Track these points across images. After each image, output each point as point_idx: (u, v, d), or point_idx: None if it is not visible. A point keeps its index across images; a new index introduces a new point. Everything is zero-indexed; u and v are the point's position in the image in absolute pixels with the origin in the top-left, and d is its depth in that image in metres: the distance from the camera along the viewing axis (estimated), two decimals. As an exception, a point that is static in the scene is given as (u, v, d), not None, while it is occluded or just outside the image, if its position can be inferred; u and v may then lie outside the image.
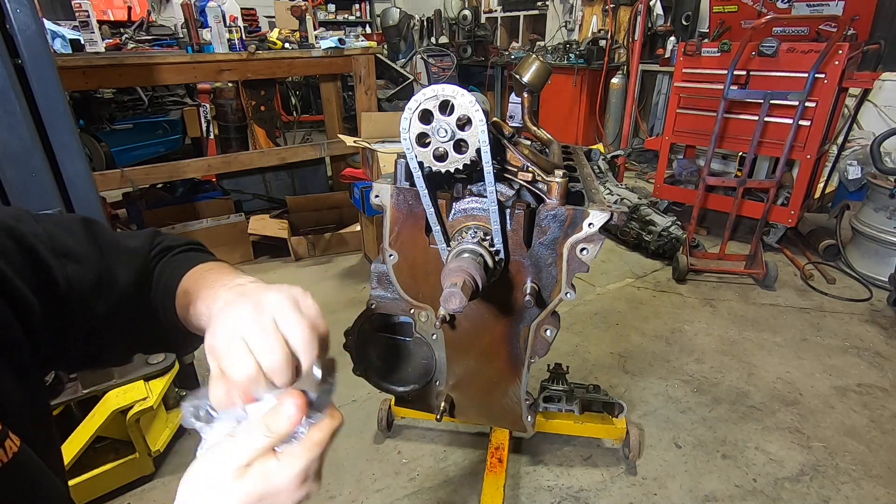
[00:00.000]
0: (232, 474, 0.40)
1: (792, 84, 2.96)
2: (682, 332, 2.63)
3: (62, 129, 1.49)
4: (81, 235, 0.60)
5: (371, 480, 1.78)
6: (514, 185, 0.62)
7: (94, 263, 0.59)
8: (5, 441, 0.45)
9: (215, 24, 2.99)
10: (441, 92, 0.52)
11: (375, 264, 0.70)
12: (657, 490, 1.73)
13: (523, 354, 0.69)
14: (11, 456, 0.45)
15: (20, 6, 1.35)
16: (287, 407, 0.42)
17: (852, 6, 3.34)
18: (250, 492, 0.40)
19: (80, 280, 0.57)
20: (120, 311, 0.61)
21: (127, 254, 0.63)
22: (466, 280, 0.53)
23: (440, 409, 0.74)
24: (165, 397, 1.84)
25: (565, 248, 0.61)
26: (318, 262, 3.42)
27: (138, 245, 0.65)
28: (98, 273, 0.59)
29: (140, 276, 0.63)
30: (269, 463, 0.41)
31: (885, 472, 1.79)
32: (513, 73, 0.85)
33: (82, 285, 0.57)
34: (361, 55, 3.59)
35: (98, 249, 0.60)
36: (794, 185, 3.33)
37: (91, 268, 0.58)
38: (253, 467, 0.41)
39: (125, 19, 4.12)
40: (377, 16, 8.51)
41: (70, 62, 2.62)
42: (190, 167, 3.33)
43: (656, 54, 5.35)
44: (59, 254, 0.56)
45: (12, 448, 0.45)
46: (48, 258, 0.54)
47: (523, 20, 7.37)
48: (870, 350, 2.46)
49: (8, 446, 0.45)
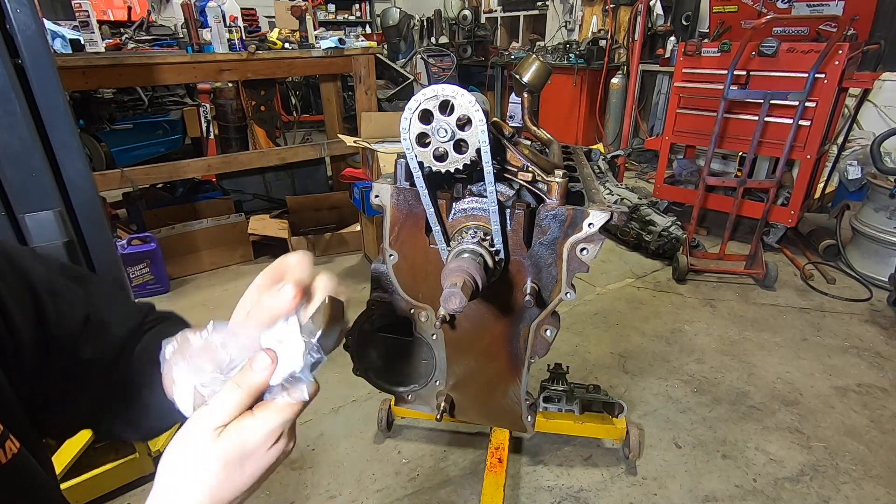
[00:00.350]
0: (210, 435, 0.42)
1: (792, 84, 2.96)
2: (682, 332, 2.63)
3: (62, 129, 1.49)
4: (80, 285, 0.61)
5: (371, 480, 1.78)
6: (514, 185, 0.62)
7: (83, 306, 0.60)
8: (5, 442, 0.45)
9: (215, 24, 2.99)
10: (441, 92, 0.52)
11: (375, 264, 0.70)
12: (657, 490, 1.73)
13: (523, 354, 0.69)
14: (11, 457, 0.45)
15: (20, 6, 1.35)
16: (258, 361, 0.44)
17: (852, 6, 3.34)
18: (228, 450, 0.42)
19: (70, 319, 0.58)
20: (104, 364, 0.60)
21: (126, 309, 0.64)
22: (466, 280, 0.53)
23: (440, 409, 0.74)
24: (165, 397, 1.84)
25: (565, 248, 0.61)
26: (318, 263, 3.41)
27: (138, 307, 0.66)
28: (86, 314, 0.59)
29: (131, 335, 0.63)
30: (244, 421, 0.43)
31: (885, 472, 1.79)
32: (513, 73, 0.85)
33: (71, 326, 0.58)
34: (361, 55, 3.58)
35: (93, 298, 0.61)
36: (794, 185, 3.33)
37: (80, 309, 0.59)
38: (230, 427, 0.43)
39: (125, 19, 4.11)
40: (377, 16, 8.52)
41: (70, 62, 2.62)
42: (190, 167, 3.33)
43: (656, 54, 5.35)
44: (52, 292, 0.57)
45: (12, 449, 0.46)
46: (41, 293, 0.56)
47: (523, 20, 7.37)
48: (870, 350, 2.46)
49: (8, 447, 0.45)
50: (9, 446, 0.45)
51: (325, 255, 3.49)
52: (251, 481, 0.44)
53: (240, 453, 0.42)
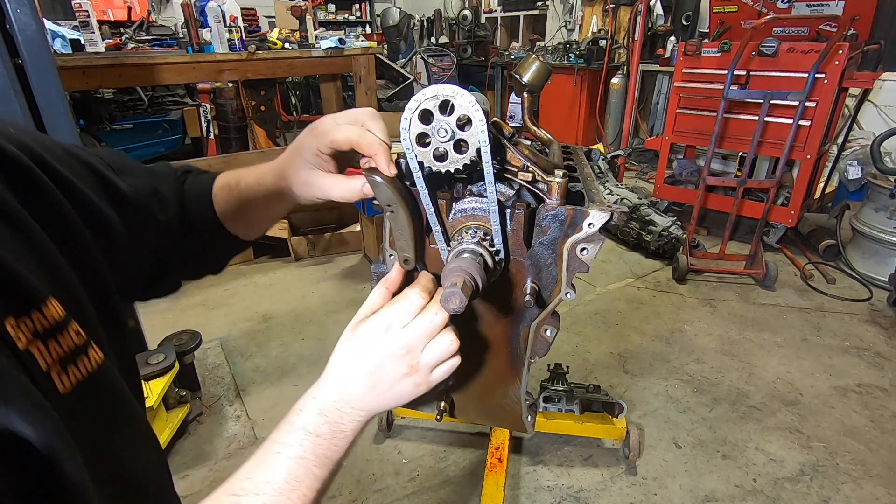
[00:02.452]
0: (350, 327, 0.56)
1: (792, 84, 2.96)
2: (682, 332, 2.63)
3: (62, 129, 1.50)
4: (127, 158, 0.63)
5: (371, 480, 1.78)
6: (514, 185, 0.62)
7: (147, 178, 0.62)
8: (88, 350, 0.44)
9: (215, 24, 2.99)
10: (441, 92, 0.52)
11: (375, 264, 0.70)
12: (657, 490, 1.73)
13: (523, 354, 0.69)
14: (97, 366, 0.44)
15: (20, 6, 1.35)
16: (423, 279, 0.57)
17: (852, 6, 3.34)
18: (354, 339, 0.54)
19: (142, 190, 0.60)
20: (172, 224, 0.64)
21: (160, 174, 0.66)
22: (466, 280, 0.53)
23: (440, 409, 0.74)
24: (165, 397, 1.84)
25: (565, 248, 0.61)
26: (318, 262, 3.42)
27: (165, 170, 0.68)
28: (153, 185, 0.62)
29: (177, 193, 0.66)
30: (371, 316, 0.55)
31: (885, 472, 1.79)
32: (513, 73, 0.85)
33: (146, 195, 0.60)
34: (361, 55, 3.58)
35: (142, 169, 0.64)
36: (794, 185, 3.33)
37: (146, 181, 0.62)
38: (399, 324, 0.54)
39: (125, 19, 4.11)
40: (377, 16, 8.52)
41: (70, 62, 2.62)
42: (190, 167, 3.32)
43: (656, 54, 5.35)
44: (117, 170, 0.58)
45: (96, 358, 0.44)
46: (110, 175, 0.57)
47: (523, 20, 7.37)
48: (870, 350, 2.46)
49: (92, 356, 0.44)
50: (93, 355, 0.44)
51: (326, 255, 3.49)
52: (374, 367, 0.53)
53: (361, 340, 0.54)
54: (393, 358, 0.53)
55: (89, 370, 0.43)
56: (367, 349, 0.53)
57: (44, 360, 0.39)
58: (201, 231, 0.68)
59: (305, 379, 2.22)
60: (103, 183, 0.55)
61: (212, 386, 2.22)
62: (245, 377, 2.28)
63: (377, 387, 0.54)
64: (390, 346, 0.53)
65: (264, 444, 0.51)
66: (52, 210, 0.46)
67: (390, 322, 0.53)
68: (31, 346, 0.38)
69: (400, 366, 0.53)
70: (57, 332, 0.40)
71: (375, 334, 0.53)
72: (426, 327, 0.53)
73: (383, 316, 0.54)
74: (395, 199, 0.57)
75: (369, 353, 0.53)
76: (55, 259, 0.44)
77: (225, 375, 2.30)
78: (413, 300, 0.54)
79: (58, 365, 0.40)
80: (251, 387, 2.21)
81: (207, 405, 2.11)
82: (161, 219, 0.62)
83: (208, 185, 0.68)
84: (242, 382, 2.24)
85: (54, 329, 0.40)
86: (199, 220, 0.67)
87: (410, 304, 0.54)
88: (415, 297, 0.54)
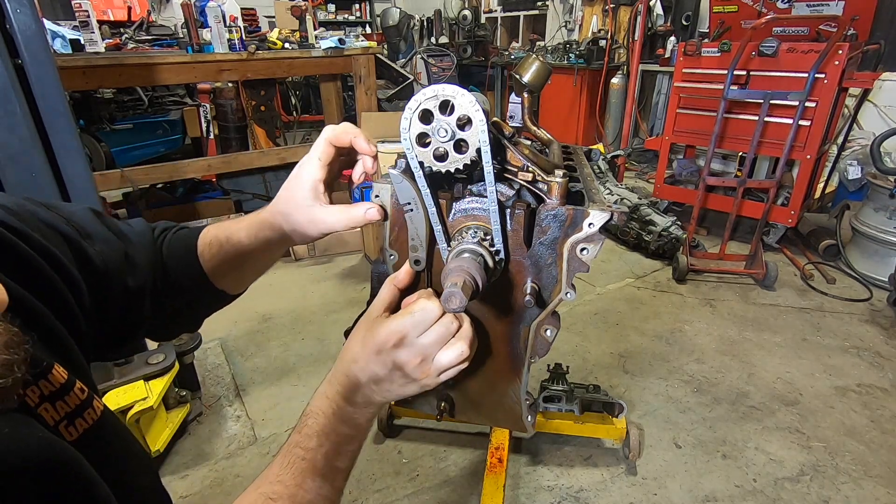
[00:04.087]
0: (363, 324, 0.60)
1: (792, 84, 2.96)
2: (682, 332, 2.63)
3: (62, 129, 1.49)
4: (96, 220, 0.63)
5: (371, 480, 1.78)
6: (515, 185, 0.62)
7: (118, 244, 0.62)
8: (93, 402, 0.47)
9: (215, 24, 2.99)
10: (441, 92, 0.52)
11: (375, 264, 0.70)
12: (657, 490, 1.73)
13: (523, 354, 0.69)
14: (100, 413, 0.48)
15: (20, 6, 1.35)
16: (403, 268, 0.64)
17: (852, 6, 3.35)
18: (368, 337, 0.58)
19: (111, 257, 0.60)
20: (144, 289, 0.64)
21: (136, 236, 0.66)
22: (467, 280, 0.53)
23: (440, 409, 0.74)
24: (165, 397, 1.84)
25: (565, 248, 0.61)
26: (318, 262, 3.42)
27: (142, 229, 0.68)
28: (124, 251, 0.62)
29: (153, 256, 0.67)
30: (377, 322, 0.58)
31: (885, 472, 1.79)
32: (513, 73, 0.85)
33: (115, 262, 0.61)
34: (361, 55, 3.59)
35: (113, 233, 0.64)
36: (794, 185, 3.33)
37: (116, 246, 0.62)
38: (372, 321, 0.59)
39: (125, 19, 4.11)
40: (377, 16, 8.52)
41: (70, 62, 2.62)
42: (190, 167, 3.33)
43: (656, 54, 5.35)
44: (85, 235, 0.59)
45: (99, 407, 0.48)
46: (80, 242, 0.57)
47: (523, 20, 7.37)
48: (870, 350, 2.46)
49: (96, 405, 0.48)
50: (96, 404, 0.48)
51: (325, 255, 3.49)
52: (387, 372, 0.57)
53: (377, 344, 0.57)
54: (409, 366, 0.56)
55: (94, 418, 0.47)
56: (384, 354, 0.57)
57: (51, 417, 0.43)
58: (187, 289, 0.68)
59: (305, 379, 2.21)
60: (73, 249, 0.56)
61: (212, 386, 2.22)
62: (245, 377, 2.28)
63: (389, 387, 0.59)
64: (407, 354, 0.56)
65: (286, 448, 0.57)
66: (40, 277, 0.49)
67: (408, 331, 0.56)
68: (39, 408, 0.42)
69: (414, 371, 0.57)
70: (63, 393, 0.44)
71: (393, 340, 0.56)
72: (441, 335, 0.56)
73: (403, 324, 0.56)
74: (417, 197, 0.58)
75: (385, 357, 0.57)
76: (51, 323, 0.48)
77: (225, 375, 2.30)
78: (430, 311, 0.56)
79: (65, 419, 0.44)
80: (251, 387, 2.21)
81: (207, 405, 2.10)
82: (131, 285, 0.62)
83: (192, 242, 0.68)
84: (242, 382, 2.24)
85: (60, 391, 0.44)
86: (185, 278, 0.68)
87: (427, 314, 0.56)
88: (432, 308, 0.56)
